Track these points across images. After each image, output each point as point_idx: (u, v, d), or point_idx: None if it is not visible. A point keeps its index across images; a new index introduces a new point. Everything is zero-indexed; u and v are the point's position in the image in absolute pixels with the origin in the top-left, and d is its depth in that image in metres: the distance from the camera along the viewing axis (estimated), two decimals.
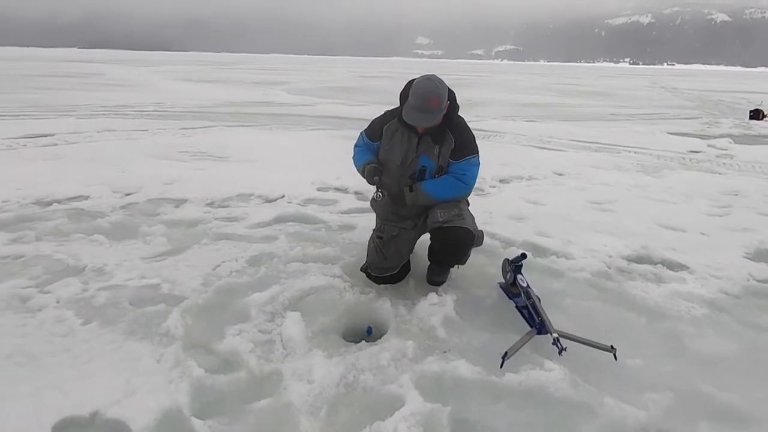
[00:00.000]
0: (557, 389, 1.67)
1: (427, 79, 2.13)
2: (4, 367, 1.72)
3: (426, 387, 1.67)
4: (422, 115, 2.11)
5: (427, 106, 2.08)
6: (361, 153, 2.42)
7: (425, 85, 2.11)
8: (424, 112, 2.10)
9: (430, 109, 2.09)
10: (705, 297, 2.40)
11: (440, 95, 2.10)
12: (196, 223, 3.26)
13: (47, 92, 12.50)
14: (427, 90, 2.09)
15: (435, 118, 2.13)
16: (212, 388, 1.66)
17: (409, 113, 2.13)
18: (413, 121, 2.14)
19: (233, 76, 23.42)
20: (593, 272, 2.63)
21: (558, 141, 7.27)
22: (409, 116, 2.14)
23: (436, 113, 2.12)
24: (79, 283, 2.34)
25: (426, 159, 2.25)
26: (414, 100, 2.10)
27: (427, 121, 2.13)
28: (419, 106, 2.09)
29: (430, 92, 2.09)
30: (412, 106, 2.11)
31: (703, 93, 19.99)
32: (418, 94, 2.09)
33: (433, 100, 2.09)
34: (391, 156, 2.30)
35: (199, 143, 6.14)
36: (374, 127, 2.38)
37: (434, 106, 2.09)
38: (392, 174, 2.31)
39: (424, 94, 2.08)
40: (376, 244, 2.36)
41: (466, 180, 2.26)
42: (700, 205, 4.07)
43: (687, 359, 1.92)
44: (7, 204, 3.49)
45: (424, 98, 2.08)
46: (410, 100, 2.13)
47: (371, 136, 2.39)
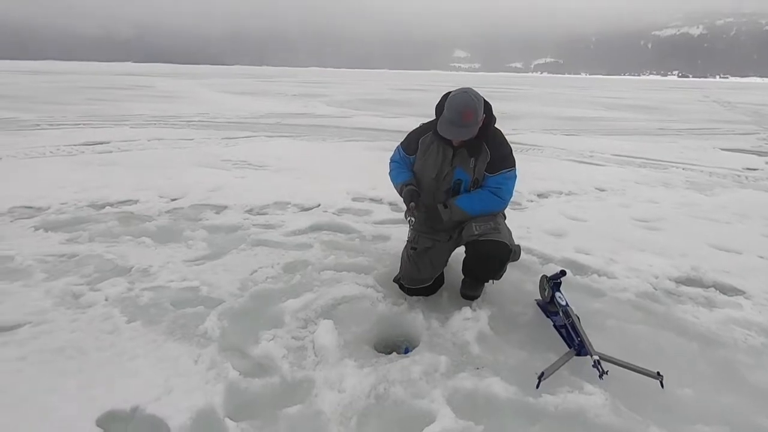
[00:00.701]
0: (597, 415, 1.59)
1: (463, 92, 2.11)
2: (56, 360, 1.83)
3: (458, 404, 1.63)
4: (457, 128, 2.09)
5: (462, 119, 2.07)
6: (397, 170, 2.41)
7: (461, 99, 2.09)
8: (459, 125, 2.08)
9: (466, 123, 2.08)
10: (764, 325, 2.23)
11: (476, 108, 2.08)
12: (235, 229, 3.37)
13: (104, 103, 13.40)
14: (462, 104, 2.08)
15: (470, 131, 2.11)
16: (246, 391, 1.69)
17: (444, 127, 2.13)
18: (448, 134, 2.13)
19: (274, 88, 24.24)
20: (638, 293, 2.50)
21: (600, 155, 7.02)
22: (444, 130, 2.13)
23: (471, 127, 2.10)
24: (125, 282, 2.47)
25: (461, 172, 2.23)
26: (449, 114, 2.10)
27: (462, 134, 2.12)
28: (454, 120, 2.08)
29: (466, 106, 2.07)
30: (447, 119, 2.11)
31: (760, 107, 18.81)
32: (453, 108, 2.08)
33: (469, 113, 2.07)
34: (426, 169, 2.29)
35: (240, 152, 6.37)
36: (410, 141, 2.37)
37: (469, 119, 2.07)
38: (427, 187, 2.30)
39: (459, 107, 2.07)
40: (409, 255, 2.34)
41: (502, 194, 2.22)
42: (758, 225, 3.81)
43: (744, 391, 1.77)
44: (65, 206, 3.74)
45: (459, 112, 2.07)
46: (445, 114, 2.12)
47: (407, 149, 2.39)
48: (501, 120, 2.35)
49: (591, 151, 7.38)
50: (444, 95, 2.21)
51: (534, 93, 27.06)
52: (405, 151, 2.40)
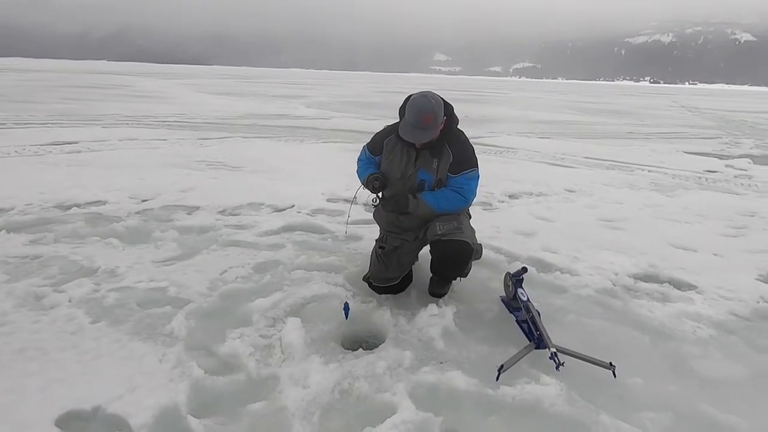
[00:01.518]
0: (552, 404, 1.66)
1: (423, 96, 2.15)
2: (16, 361, 1.80)
3: (420, 397, 1.68)
4: (417, 131, 2.14)
5: (422, 123, 2.11)
6: (364, 166, 2.46)
7: (420, 103, 2.13)
8: (419, 128, 2.13)
9: (425, 126, 2.12)
10: (713, 318, 2.35)
11: (435, 112, 2.12)
12: (206, 229, 3.35)
13: (75, 102, 13.03)
14: (422, 107, 2.12)
15: (430, 134, 2.16)
16: (210, 388, 1.70)
17: (405, 130, 2.17)
18: (409, 137, 2.18)
19: (254, 89, 24.01)
20: (598, 289, 2.60)
21: (571, 158, 7.23)
22: (405, 133, 2.17)
23: (430, 130, 2.14)
24: (91, 283, 2.43)
25: (424, 173, 2.28)
26: (410, 117, 2.14)
27: (422, 137, 2.16)
28: (414, 123, 2.12)
29: (425, 110, 2.11)
30: (408, 122, 2.15)
31: (725, 113, 19.64)
32: (413, 111, 2.12)
33: (428, 117, 2.11)
34: (391, 170, 2.33)
35: (215, 153, 6.31)
36: (375, 142, 2.42)
37: (429, 122, 2.12)
38: (393, 187, 2.35)
39: (419, 111, 2.11)
40: (378, 254, 2.39)
41: (465, 194, 2.28)
42: (715, 225, 4.00)
43: (690, 380, 1.88)
44: (29, 207, 3.65)
45: (419, 115, 2.11)
46: (406, 117, 2.16)
47: (373, 150, 2.44)
48: (478, 123, 2.42)
49: (563, 153, 7.59)
50: (406, 98, 2.24)
51: (512, 97, 27.57)
52: (370, 151, 2.46)
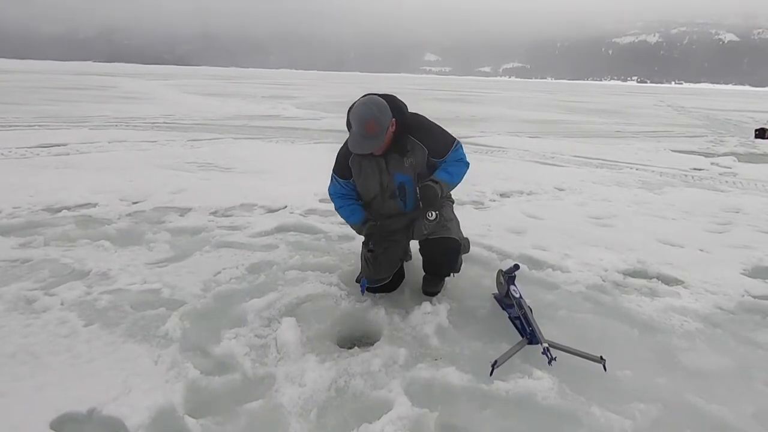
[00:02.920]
0: (544, 398, 1.69)
1: (362, 104, 2.04)
2: (8, 365, 1.78)
3: (415, 393, 1.70)
4: (365, 141, 2.03)
5: (366, 131, 2.00)
6: (345, 205, 2.34)
7: (361, 112, 2.01)
8: (365, 137, 2.02)
9: (371, 134, 2.01)
10: (699, 312, 2.41)
11: (377, 117, 2.00)
12: (199, 231, 3.34)
13: (62, 104, 12.85)
14: (363, 116, 2.01)
15: (378, 141, 2.04)
16: (206, 389, 1.70)
17: (352, 141, 2.06)
18: (357, 149, 2.07)
19: (243, 90, 23.87)
20: (588, 285, 2.65)
21: (561, 157, 7.32)
22: (353, 144, 2.06)
23: (377, 137, 2.03)
24: (83, 286, 2.41)
25: (400, 175, 2.22)
26: (354, 127, 2.03)
27: (371, 146, 2.05)
28: (360, 133, 2.02)
29: (366, 117, 2.00)
30: (353, 133, 2.05)
31: (710, 112, 20.01)
32: (355, 121, 2.03)
33: (371, 124, 2.00)
34: (368, 187, 2.27)
35: (206, 154, 6.27)
36: (340, 165, 2.30)
37: (374, 130, 2.00)
38: (375, 202, 2.32)
39: (361, 120, 2.00)
40: (367, 258, 2.36)
41: (463, 159, 2.28)
42: (701, 221, 4.08)
43: (677, 372, 1.92)
44: (18, 210, 3.60)
45: (362, 124, 2.00)
46: (352, 128, 2.06)
47: (341, 175, 2.32)
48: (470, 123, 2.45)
49: (553, 152, 7.68)
50: (351, 106, 2.13)
51: (502, 96, 27.77)
52: (340, 177, 2.33)
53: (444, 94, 28.40)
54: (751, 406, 1.74)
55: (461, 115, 14.22)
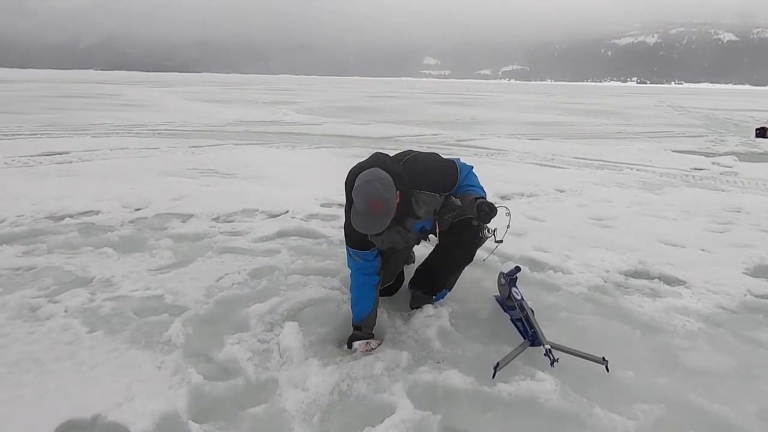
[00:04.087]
0: (547, 399, 1.69)
1: (366, 183, 1.87)
2: (12, 373, 1.79)
3: (418, 396, 1.71)
4: (371, 221, 1.88)
5: (372, 211, 1.85)
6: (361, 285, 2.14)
7: (366, 190, 1.85)
8: (372, 217, 1.87)
9: (378, 213, 1.86)
10: (701, 312, 2.41)
11: (384, 197, 1.85)
12: (201, 237, 3.36)
13: (64, 112, 12.92)
14: (368, 195, 1.84)
15: (386, 220, 1.90)
16: (210, 394, 1.71)
17: (358, 221, 1.90)
18: (363, 229, 1.91)
19: (244, 96, 23.98)
20: (589, 287, 2.65)
21: (561, 159, 7.33)
22: (358, 224, 1.90)
23: (385, 216, 1.88)
24: (86, 293, 2.43)
25: (418, 224, 2.16)
26: (359, 206, 1.87)
27: (379, 226, 1.90)
28: (365, 212, 1.87)
29: (373, 197, 1.84)
30: (358, 212, 1.89)
31: (710, 111, 20.00)
32: (360, 200, 1.86)
33: (378, 204, 1.84)
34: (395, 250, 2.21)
35: (207, 161, 6.30)
36: (359, 242, 2.10)
37: (380, 209, 1.85)
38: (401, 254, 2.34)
39: (367, 199, 1.84)
40: None
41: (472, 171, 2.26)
42: (701, 221, 4.08)
43: (680, 372, 1.93)
44: (21, 218, 3.63)
45: (367, 204, 1.84)
46: (355, 205, 1.90)
47: (362, 247, 2.11)
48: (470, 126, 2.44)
49: (553, 154, 7.69)
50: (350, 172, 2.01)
51: (501, 99, 27.82)
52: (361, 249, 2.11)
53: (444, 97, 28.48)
54: (754, 405, 1.74)
55: (461, 118, 14.25)
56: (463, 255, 2.28)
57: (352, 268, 2.18)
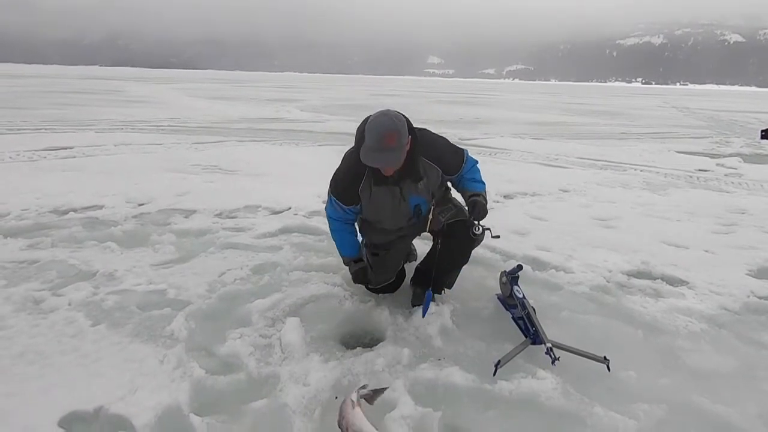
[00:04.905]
0: (548, 398, 1.69)
1: (383, 114, 1.91)
2: (16, 365, 1.81)
3: (419, 392, 1.71)
4: (381, 154, 1.89)
5: (385, 144, 1.86)
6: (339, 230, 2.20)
7: (380, 122, 1.87)
8: (383, 151, 1.88)
9: (389, 147, 1.87)
10: (704, 313, 2.40)
11: (398, 130, 1.87)
12: (204, 232, 3.37)
13: (68, 108, 12.98)
14: (382, 127, 1.86)
15: (395, 156, 1.90)
16: (212, 388, 1.72)
17: (368, 154, 1.90)
18: (372, 162, 1.91)
19: (247, 93, 24.00)
20: (592, 286, 2.65)
21: (565, 159, 7.31)
22: (368, 157, 1.90)
23: (395, 151, 1.89)
24: (90, 287, 2.44)
25: (415, 198, 2.14)
26: (370, 140, 1.88)
27: (388, 161, 1.91)
28: (377, 146, 1.87)
29: (387, 128, 1.86)
30: (369, 146, 1.90)
31: (715, 113, 19.88)
32: (373, 133, 1.87)
33: (391, 136, 1.86)
34: (379, 214, 2.16)
35: (210, 157, 6.32)
36: (345, 191, 2.11)
37: (393, 143, 1.86)
38: (388, 223, 2.22)
39: (380, 131, 1.86)
40: (369, 261, 2.34)
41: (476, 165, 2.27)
42: (705, 223, 4.06)
43: (682, 373, 1.92)
44: (26, 212, 3.65)
45: (381, 136, 1.85)
46: (366, 141, 1.91)
47: (345, 200, 2.12)
48: (473, 125, 2.45)
49: (557, 154, 7.66)
50: (363, 120, 2.01)
51: (505, 98, 27.74)
52: (343, 203, 2.12)
53: (448, 96, 28.43)
54: (756, 406, 1.73)
55: (465, 117, 14.22)
56: (459, 255, 2.30)
57: (331, 215, 2.23)
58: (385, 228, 2.25)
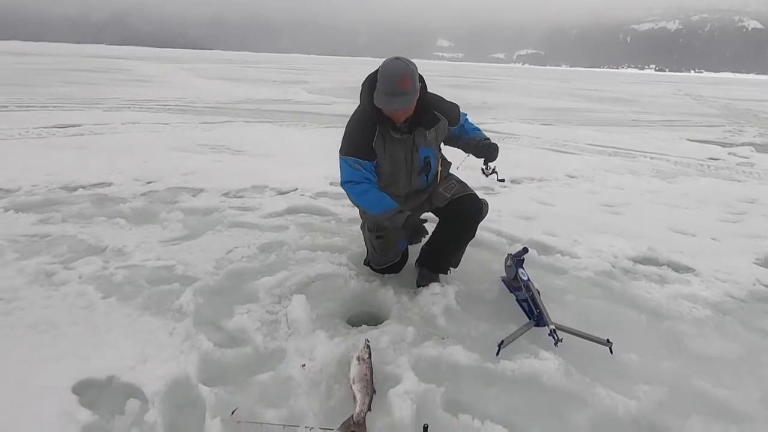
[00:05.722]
0: (550, 378, 1.71)
1: (395, 59, 1.95)
2: (30, 334, 1.85)
3: (422, 369, 1.74)
4: (396, 98, 1.92)
5: (400, 88, 1.90)
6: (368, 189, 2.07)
7: (395, 66, 1.91)
8: (398, 95, 1.91)
9: (404, 91, 1.91)
10: (709, 299, 2.40)
11: (413, 74, 1.92)
12: (211, 211, 3.39)
13: (76, 86, 12.98)
14: (397, 70, 1.90)
15: (410, 100, 1.95)
16: (219, 360, 1.75)
17: (381, 98, 1.94)
18: (387, 105, 1.95)
19: (254, 74, 23.82)
20: (597, 271, 2.65)
21: (574, 145, 7.23)
22: (382, 101, 1.94)
23: (410, 95, 1.94)
24: (100, 261, 2.48)
25: (424, 150, 2.21)
26: (385, 85, 1.92)
27: (402, 103, 1.94)
28: (391, 90, 1.91)
29: (402, 72, 1.90)
30: (383, 91, 1.93)
31: (730, 101, 19.48)
32: (388, 76, 1.91)
33: (406, 80, 1.90)
34: (395, 166, 2.18)
35: (217, 137, 6.32)
36: (360, 146, 2.10)
37: (407, 86, 1.91)
38: (403, 180, 2.23)
39: (396, 75, 1.90)
40: (373, 243, 2.35)
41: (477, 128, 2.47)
42: (714, 211, 4.03)
43: (685, 357, 1.93)
44: (36, 188, 3.69)
45: (396, 79, 1.90)
46: (380, 86, 1.95)
47: (362, 155, 2.09)
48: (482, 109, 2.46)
49: (565, 140, 7.58)
50: (370, 74, 2.06)
51: (515, 83, 27.33)
52: (359, 157, 2.09)
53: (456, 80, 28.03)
54: (758, 391, 1.74)
55: (473, 101, 14.05)
56: (466, 230, 2.30)
57: (349, 179, 2.09)
58: (396, 194, 2.24)
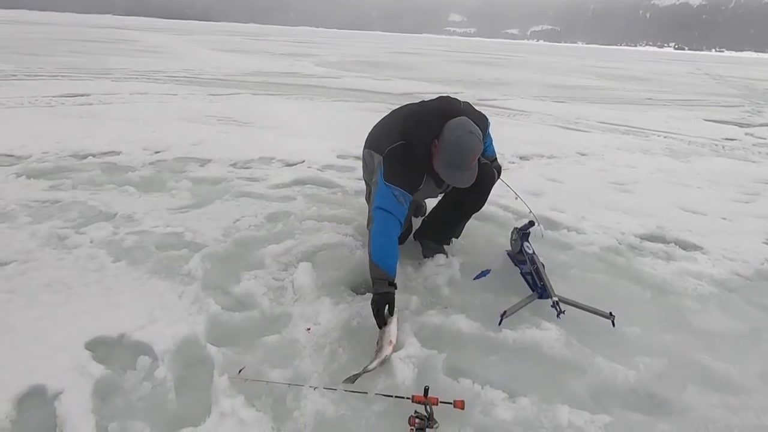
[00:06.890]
0: (550, 347, 1.74)
1: (468, 133, 1.82)
2: (44, 293, 1.91)
3: (425, 336, 1.77)
4: (465, 174, 1.87)
5: (470, 164, 1.85)
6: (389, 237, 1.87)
7: (466, 142, 1.81)
8: (467, 170, 1.86)
9: (473, 167, 1.87)
10: (715, 277, 2.39)
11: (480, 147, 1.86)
12: (219, 181, 3.41)
13: (84, 56, 12.90)
14: (469, 148, 1.81)
15: (474, 176, 1.90)
16: (227, 323, 1.80)
17: (447, 171, 1.87)
18: (458, 182, 1.90)
19: (262, 46, 23.46)
20: (603, 247, 2.64)
21: (585, 122, 7.09)
22: (451, 177, 1.88)
23: (475, 170, 1.90)
24: (110, 227, 2.52)
25: None
26: (455, 159, 1.83)
27: (468, 181, 1.89)
28: (460, 164, 1.84)
29: (474, 150, 1.82)
30: (450, 163, 1.85)
31: (750, 81, 18.87)
32: (459, 151, 1.81)
33: (476, 157, 1.85)
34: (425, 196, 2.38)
35: (225, 109, 6.29)
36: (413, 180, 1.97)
37: (475, 162, 1.87)
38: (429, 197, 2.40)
39: (467, 152, 1.81)
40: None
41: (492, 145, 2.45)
42: (727, 191, 3.96)
43: (686, 331, 1.94)
44: (46, 155, 3.73)
45: (467, 157, 1.82)
46: (449, 157, 1.84)
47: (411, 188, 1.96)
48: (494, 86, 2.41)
49: (577, 118, 7.43)
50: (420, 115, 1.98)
51: (528, 60, 26.66)
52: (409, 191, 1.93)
53: (468, 56, 27.42)
54: (759, 366, 1.76)
55: (484, 77, 13.77)
56: (476, 200, 2.29)
57: (390, 209, 1.88)
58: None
